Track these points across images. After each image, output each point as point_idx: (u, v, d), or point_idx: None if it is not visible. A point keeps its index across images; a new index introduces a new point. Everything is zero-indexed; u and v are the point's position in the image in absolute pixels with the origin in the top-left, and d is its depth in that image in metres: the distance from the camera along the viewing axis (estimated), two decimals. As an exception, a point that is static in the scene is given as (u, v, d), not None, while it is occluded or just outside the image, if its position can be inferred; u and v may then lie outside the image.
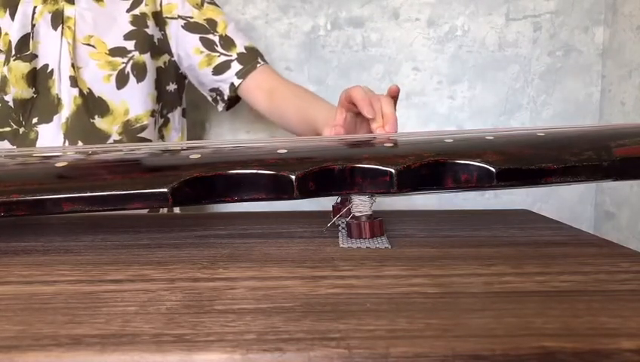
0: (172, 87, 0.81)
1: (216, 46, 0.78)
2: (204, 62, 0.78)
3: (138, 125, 0.75)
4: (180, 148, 0.40)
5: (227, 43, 0.78)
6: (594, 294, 0.28)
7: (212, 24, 0.78)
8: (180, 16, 0.77)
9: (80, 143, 0.71)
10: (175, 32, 0.78)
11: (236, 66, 0.77)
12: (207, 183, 0.35)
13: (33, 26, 0.71)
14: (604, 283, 0.29)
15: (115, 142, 0.74)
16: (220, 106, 0.83)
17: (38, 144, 0.71)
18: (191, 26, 0.78)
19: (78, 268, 0.33)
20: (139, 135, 0.76)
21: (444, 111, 1.00)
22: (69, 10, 0.72)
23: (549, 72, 0.98)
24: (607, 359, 0.21)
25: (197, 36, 0.77)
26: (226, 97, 0.80)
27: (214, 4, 0.81)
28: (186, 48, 0.78)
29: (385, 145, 0.37)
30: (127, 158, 0.39)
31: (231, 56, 0.77)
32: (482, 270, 0.32)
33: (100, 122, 0.73)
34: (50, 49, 0.71)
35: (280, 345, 0.21)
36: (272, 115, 0.77)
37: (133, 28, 0.75)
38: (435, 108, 1.00)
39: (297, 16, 0.98)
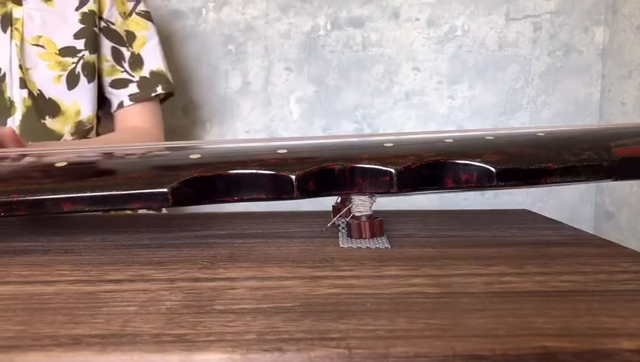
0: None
1: (124, 61, 0.78)
2: (106, 71, 0.78)
3: (89, 126, 0.75)
4: (180, 147, 0.40)
5: (136, 62, 0.78)
6: (594, 294, 0.28)
7: (130, 37, 0.78)
8: (102, 18, 0.77)
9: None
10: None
11: (133, 88, 0.77)
12: (207, 183, 0.35)
13: None
14: (604, 283, 0.29)
15: None
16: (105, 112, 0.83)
17: None
18: (108, 32, 0.77)
19: (78, 268, 0.33)
20: (88, 136, 0.76)
21: (444, 111, 1.00)
22: (17, 12, 0.72)
23: (549, 72, 0.98)
24: (607, 359, 0.21)
25: (110, 44, 0.77)
26: (112, 110, 0.79)
27: (144, 15, 0.80)
28: (98, 52, 0.77)
29: (385, 145, 0.37)
30: (127, 158, 0.39)
31: (133, 77, 0.78)
32: (482, 270, 0.32)
33: (51, 123, 0.72)
34: (1, 52, 0.71)
35: (280, 345, 0.21)
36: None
37: (82, 26, 0.74)
38: (435, 108, 1.00)
39: (297, 16, 0.98)
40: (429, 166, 0.36)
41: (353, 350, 0.21)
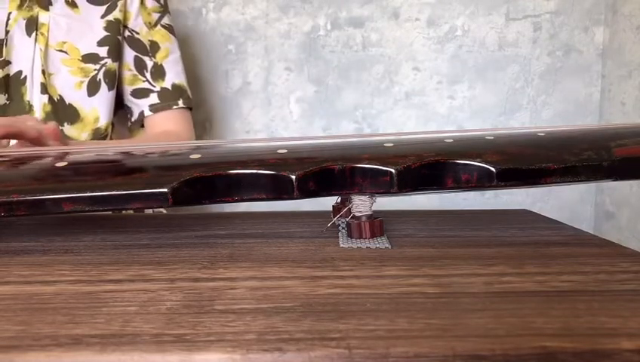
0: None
1: (146, 71, 0.78)
2: (128, 79, 0.78)
3: (106, 133, 0.75)
4: (179, 147, 0.40)
5: (157, 73, 0.78)
6: (594, 294, 0.28)
7: (154, 48, 0.79)
8: (127, 27, 0.77)
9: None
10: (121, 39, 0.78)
11: (154, 98, 0.78)
12: (207, 183, 0.35)
13: (7, 32, 0.71)
14: (604, 283, 0.29)
15: None
16: (128, 122, 0.83)
17: None
18: (133, 42, 0.78)
19: (78, 268, 0.33)
20: None
21: (444, 111, 1.00)
22: (43, 17, 0.72)
23: (549, 72, 0.98)
24: (607, 359, 0.21)
25: (133, 53, 0.78)
26: (132, 120, 0.80)
27: (169, 29, 0.80)
28: (122, 59, 0.78)
29: (385, 145, 0.37)
30: (127, 158, 0.39)
31: (154, 87, 0.78)
32: (482, 270, 0.32)
33: (69, 129, 0.73)
34: (24, 55, 0.71)
35: (280, 345, 0.21)
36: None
37: (106, 34, 0.75)
38: (435, 108, 1.00)
39: (297, 16, 0.98)
40: (429, 166, 0.36)
41: (353, 350, 0.21)
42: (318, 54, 0.99)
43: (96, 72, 0.74)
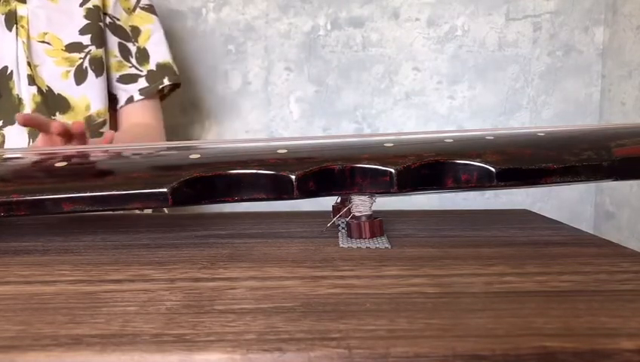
0: None
1: (131, 57, 0.78)
2: (114, 66, 0.78)
3: (100, 120, 0.75)
4: (179, 147, 0.40)
5: (142, 56, 0.79)
6: (594, 294, 0.28)
7: (135, 32, 0.79)
8: (107, 14, 0.78)
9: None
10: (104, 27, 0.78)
11: (142, 83, 0.78)
12: (207, 183, 0.35)
13: None
14: (604, 283, 0.29)
15: None
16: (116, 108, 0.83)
17: (6, 146, 0.71)
18: (114, 29, 0.78)
19: (78, 268, 0.33)
20: (101, 130, 0.76)
21: (444, 111, 1.00)
22: (21, 10, 0.72)
23: (549, 72, 0.98)
24: (607, 359, 0.21)
25: (117, 40, 0.78)
26: (119, 106, 0.80)
27: (148, 9, 0.81)
28: (105, 47, 0.78)
29: (385, 145, 0.37)
30: (127, 158, 0.39)
31: (141, 71, 0.78)
32: (482, 270, 0.32)
33: (61, 119, 0.73)
34: (7, 50, 0.71)
35: (280, 345, 0.21)
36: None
37: (87, 22, 0.75)
38: (435, 108, 1.00)
39: (297, 16, 0.98)
40: (429, 166, 0.36)
41: (353, 350, 0.21)
42: (318, 54, 0.99)
43: (81, 60, 0.74)
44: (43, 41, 0.72)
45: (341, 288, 0.29)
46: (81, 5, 0.75)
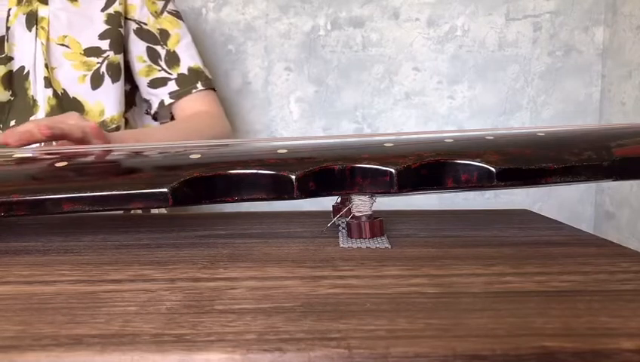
0: (127, 87, 0.81)
1: (160, 60, 0.78)
2: (143, 72, 0.78)
3: (113, 126, 0.75)
4: (179, 147, 0.40)
5: (172, 60, 0.78)
6: (594, 294, 0.28)
7: (164, 36, 0.78)
8: (134, 20, 0.77)
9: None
10: (127, 34, 0.78)
11: (172, 86, 0.78)
12: (208, 183, 0.35)
13: (8, 28, 0.71)
14: (604, 283, 0.29)
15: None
16: (149, 116, 0.83)
17: None
18: (142, 33, 0.78)
19: (78, 268, 0.33)
20: None
21: (444, 111, 1.00)
22: (42, 11, 0.72)
23: (549, 72, 0.98)
24: (607, 359, 0.21)
25: (145, 45, 0.78)
26: (152, 111, 0.80)
27: (175, 15, 0.80)
28: (132, 52, 0.78)
29: (385, 145, 0.37)
30: (127, 158, 0.39)
31: (171, 74, 0.78)
32: (482, 270, 0.32)
33: None
34: (26, 50, 0.71)
35: (280, 345, 0.21)
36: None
37: (107, 27, 0.75)
38: (435, 108, 1.00)
39: (297, 16, 0.98)
40: (429, 166, 0.36)
41: (353, 350, 0.21)
42: (318, 54, 0.99)
43: (99, 65, 0.74)
44: (62, 44, 0.72)
45: (341, 288, 0.29)
46: (103, 10, 0.75)
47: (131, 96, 0.82)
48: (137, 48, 0.77)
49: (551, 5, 0.97)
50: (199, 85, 0.78)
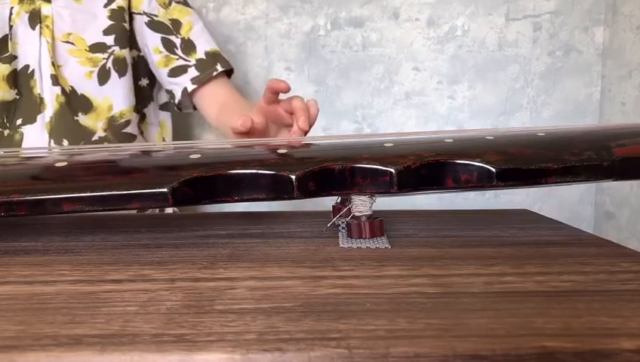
0: (144, 82, 0.81)
1: (176, 49, 0.78)
2: (161, 63, 0.78)
3: (122, 120, 0.75)
4: (180, 147, 0.40)
5: (188, 47, 0.78)
6: (594, 294, 0.28)
7: (176, 25, 0.79)
8: (145, 13, 0.78)
9: (65, 142, 0.71)
10: (139, 28, 0.78)
11: (193, 72, 0.78)
12: (207, 183, 0.35)
13: (11, 27, 0.71)
14: (604, 283, 0.29)
15: (101, 138, 0.74)
16: (174, 106, 0.83)
17: (24, 145, 0.71)
18: (154, 25, 0.78)
19: (78, 268, 0.33)
20: (123, 130, 0.76)
21: (444, 111, 1.00)
22: (46, 9, 0.72)
23: (549, 72, 0.98)
24: (607, 359, 0.21)
25: (159, 36, 0.78)
26: (176, 100, 0.80)
27: (184, 3, 0.81)
28: (148, 46, 0.78)
29: (385, 145, 0.37)
30: (127, 158, 0.39)
31: (189, 61, 0.78)
32: (482, 270, 0.32)
33: (84, 119, 0.73)
34: (30, 49, 0.71)
35: (280, 345, 0.21)
36: (220, 127, 0.78)
37: (111, 22, 0.75)
38: (435, 108, 1.00)
39: (297, 16, 0.98)
40: (429, 166, 0.36)
41: (353, 350, 0.21)
42: (318, 54, 0.99)
43: (105, 60, 0.74)
44: (67, 42, 0.73)
45: (341, 288, 0.29)
46: (106, 6, 0.75)
47: (149, 92, 0.83)
48: (152, 40, 0.78)
49: (551, 5, 0.97)
50: (219, 67, 0.79)
